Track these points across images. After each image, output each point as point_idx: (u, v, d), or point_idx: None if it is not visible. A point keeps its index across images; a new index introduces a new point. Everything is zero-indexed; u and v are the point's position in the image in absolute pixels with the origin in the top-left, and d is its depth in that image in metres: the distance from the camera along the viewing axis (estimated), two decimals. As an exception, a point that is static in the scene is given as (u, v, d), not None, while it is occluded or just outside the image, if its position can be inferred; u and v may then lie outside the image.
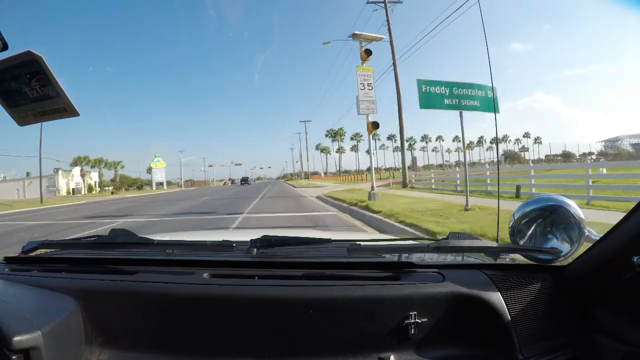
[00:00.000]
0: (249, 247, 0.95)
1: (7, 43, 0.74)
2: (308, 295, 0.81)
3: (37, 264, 1.05)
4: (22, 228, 9.73)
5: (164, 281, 0.88)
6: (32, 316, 0.73)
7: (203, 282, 0.87)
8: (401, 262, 0.93)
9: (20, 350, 0.66)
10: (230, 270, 0.94)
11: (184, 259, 1.00)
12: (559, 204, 0.88)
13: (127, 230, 1.09)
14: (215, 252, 1.01)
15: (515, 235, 0.94)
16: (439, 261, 0.94)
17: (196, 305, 0.83)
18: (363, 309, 0.79)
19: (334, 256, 0.99)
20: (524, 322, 0.79)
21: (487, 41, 1.31)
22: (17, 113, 0.88)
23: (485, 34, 1.31)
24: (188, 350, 0.81)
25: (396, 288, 0.81)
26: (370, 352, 0.78)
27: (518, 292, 0.82)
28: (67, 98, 0.85)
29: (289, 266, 0.93)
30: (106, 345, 0.83)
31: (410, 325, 0.77)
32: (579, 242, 0.84)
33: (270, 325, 0.80)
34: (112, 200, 24.59)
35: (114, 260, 1.02)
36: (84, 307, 0.83)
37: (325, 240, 0.99)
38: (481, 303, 0.79)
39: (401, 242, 1.11)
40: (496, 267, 0.89)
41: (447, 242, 0.90)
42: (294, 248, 1.00)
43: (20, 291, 0.87)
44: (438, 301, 0.80)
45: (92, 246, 1.11)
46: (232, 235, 1.18)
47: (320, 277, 0.88)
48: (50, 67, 0.80)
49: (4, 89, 0.85)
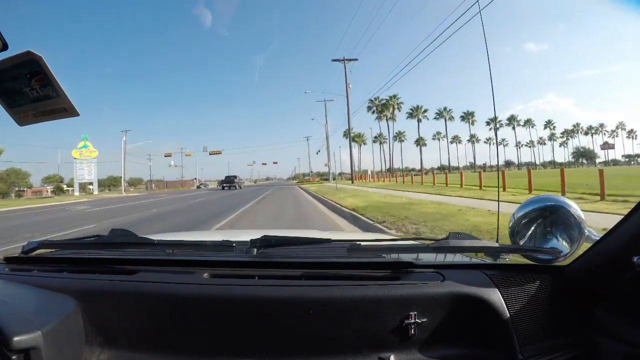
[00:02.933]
0: (249, 247, 0.95)
1: (7, 43, 0.74)
2: (308, 295, 0.81)
3: (37, 264, 1.05)
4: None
5: (164, 281, 0.88)
6: (32, 316, 0.73)
7: (203, 282, 0.87)
8: (401, 262, 0.93)
9: (20, 350, 0.66)
10: (230, 270, 0.94)
11: (184, 259, 1.00)
12: (559, 204, 0.88)
13: (127, 230, 1.09)
14: (215, 252, 1.01)
15: (515, 235, 0.94)
16: (439, 261, 0.94)
17: (196, 305, 0.83)
18: (363, 309, 0.78)
19: (334, 256, 0.99)
20: (524, 322, 0.79)
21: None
22: (17, 113, 0.88)
23: (485, 34, 1.31)
24: (188, 350, 0.81)
25: (396, 288, 0.81)
26: (370, 352, 0.78)
27: (518, 292, 0.82)
28: (67, 98, 0.85)
29: (289, 266, 0.93)
30: (106, 345, 0.83)
31: (410, 325, 0.77)
32: (579, 242, 0.84)
33: (270, 325, 0.80)
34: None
35: (114, 260, 1.02)
36: (84, 307, 0.83)
37: (325, 240, 0.99)
38: (481, 303, 0.79)
39: (401, 242, 1.11)
40: (496, 267, 0.89)
41: (447, 242, 0.90)
42: (294, 248, 1.00)
43: (20, 291, 0.87)
44: (438, 301, 0.80)
45: (92, 246, 1.11)
46: (232, 235, 1.18)
47: (320, 277, 0.88)
48: (50, 67, 0.80)
49: (4, 89, 0.85)
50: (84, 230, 8.65)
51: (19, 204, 22.19)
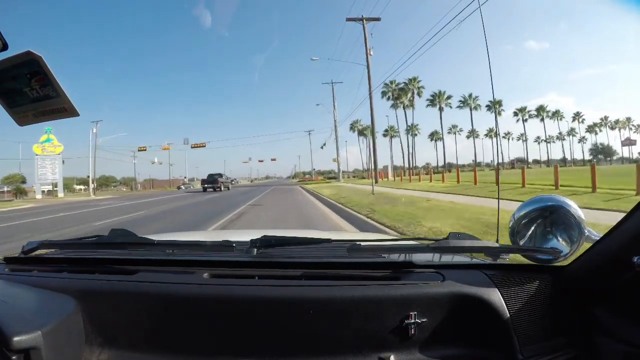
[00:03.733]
0: (249, 247, 0.95)
1: (7, 43, 0.74)
2: (308, 295, 0.81)
3: (37, 264, 1.05)
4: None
5: (164, 281, 0.88)
6: (32, 316, 0.73)
7: (203, 282, 0.87)
8: (401, 262, 0.93)
9: (20, 350, 0.66)
10: (230, 270, 0.93)
11: (184, 259, 1.00)
12: (559, 204, 0.88)
13: (127, 230, 1.09)
14: (215, 252, 1.01)
15: (515, 235, 0.94)
16: (439, 261, 0.94)
17: (196, 305, 0.83)
18: (363, 309, 0.78)
19: (334, 256, 0.99)
20: (524, 322, 0.79)
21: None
22: (17, 113, 0.88)
23: (485, 34, 1.31)
24: (188, 350, 0.81)
25: (396, 288, 0.81)
26: (370, 352, 0.78)
27: (518, 292, 0.82)
28: (67, 98, 0.85)
29: (289, 266, 0.93)
30: (106, 345, 0.83)
31: (410, 325, 0.77)
32: (579, 242, 0.84)
33: (270, 326, 0.80)
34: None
35: (114, 260, 1.02)
36: (84, 307, 0.83)
37: (325, 240, 0.99)
38: (481, 303, 0.79)
39: (401, 242, 1.11)
40: (496, 267, 0.89)
41: (447, 242, 0.90)
42: (294, 248, 1.00)
43: (20, 291, 0.87)
44: (438, 301, 0.80)
45: (92, 246, 1.11)
46: (232, 235, 1.18)
47: (320, 277, 0.88)
48: (50, 67, 0.80)
49: (4, 89, 0.85)
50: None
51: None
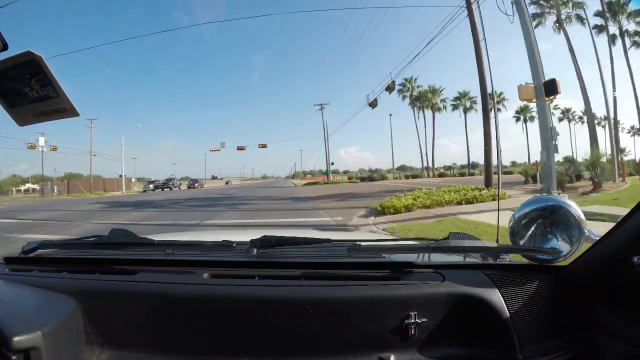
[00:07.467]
0: (249, 247, 0.95)
1: (7, 43, 0.74)
2: (308, 295, 0.81)
3: (37, 264, 1.05)
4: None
5: (164, 281, 0.88)
6: (32, 316, 0.73)
7: (203, 282, 0.87)
8: (401, 262, 0.93)
9: (20, 350, 0.66)
10: (230, 270, 0.93)
11: (184, 259, 1.00)
12: (559, 204, 0.88)
13: (127, 230, 1.09)
14: (215, 252, 1.01)
15: (515, 235, 0.94)
16: (439, 261, 0.94)
17: (196, 305, 0.83)
18: (363, 309, 0.78)
19: (334, 256, 0.99)
20: (524, 322, 0.79)
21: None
22: (17, 113, 0.88)
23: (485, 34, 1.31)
24: (188, 350, 0.81)
25: (396, 288, 0.81)
26: (370, 352, 0.78)
27: (518, 292, 0.82)
28: (67, 98, 0.85)
29: (289, 266, 0.93)
30: (106, 345, 0.83)
31: (410, 325, 0.77)
32: (579, 242, 0.84)
33: (270, 326, 0.80)
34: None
35: (114, 261, 1.02)
36: (84, 307, 0.83)
37: (325, 241, 0.99)
38: (481, 303, 0.79)
39: (401, 242, 1.11)
40: (496, 267, 0.89)
41: (447, 243, 0.90)
42: (294, 248, 1.00)
43: (20, 291, 0.87)
44: (438, 301, 0.80)
45: (92, 246, 1.11)
46: (232, 235, 1.19)
47: (320, 277, 0.88)
48: (50, 67, 0.80)
49: (4, 89, 0.85)
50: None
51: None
